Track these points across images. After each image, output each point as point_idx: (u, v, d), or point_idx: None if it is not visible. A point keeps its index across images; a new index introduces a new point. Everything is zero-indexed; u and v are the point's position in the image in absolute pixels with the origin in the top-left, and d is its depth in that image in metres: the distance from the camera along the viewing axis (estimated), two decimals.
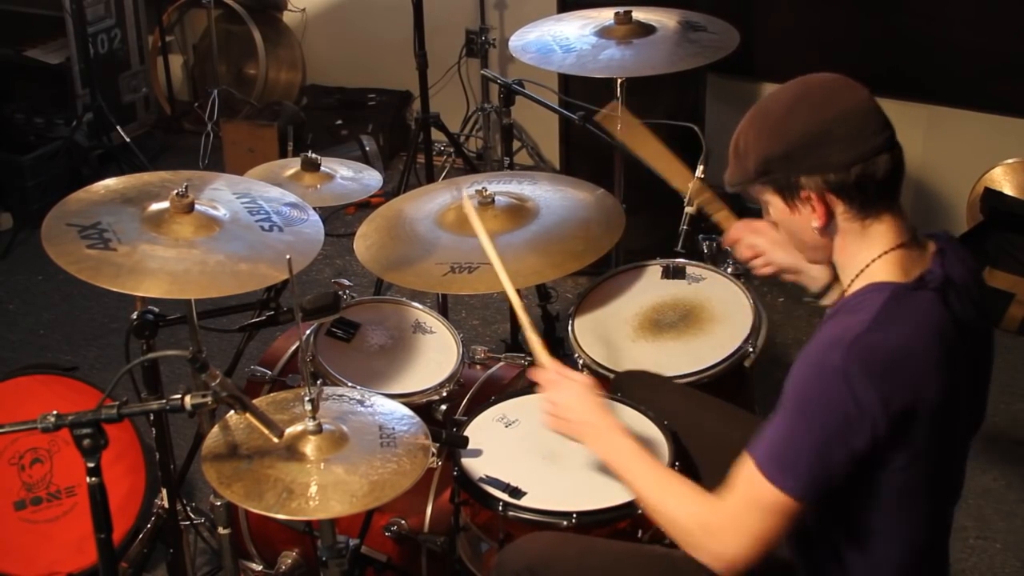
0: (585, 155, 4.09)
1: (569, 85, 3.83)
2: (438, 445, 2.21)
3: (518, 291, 2.30)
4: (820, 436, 1.66)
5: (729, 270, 2.82)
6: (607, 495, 2.15)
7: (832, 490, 1.70)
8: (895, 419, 1.65)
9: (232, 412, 1.97)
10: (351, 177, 2.94)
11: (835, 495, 1.71)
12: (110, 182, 2.34)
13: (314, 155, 2.91)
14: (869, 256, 1.76)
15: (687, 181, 2.51)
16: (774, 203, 1.79)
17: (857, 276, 1.77)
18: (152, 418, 2.50)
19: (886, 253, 1.75)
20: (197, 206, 2.24)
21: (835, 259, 1.83)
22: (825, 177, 1.71)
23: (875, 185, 1.71)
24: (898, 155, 1.73)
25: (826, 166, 1.71)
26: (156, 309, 2.37)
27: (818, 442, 1.66)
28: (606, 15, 3.19)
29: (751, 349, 2.61)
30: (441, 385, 2.58)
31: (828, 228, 1.76)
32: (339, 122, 5.12)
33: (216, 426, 2.06)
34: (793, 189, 1.74)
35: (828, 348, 1.67)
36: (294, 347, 2.82)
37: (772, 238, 2.28)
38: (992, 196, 4.00)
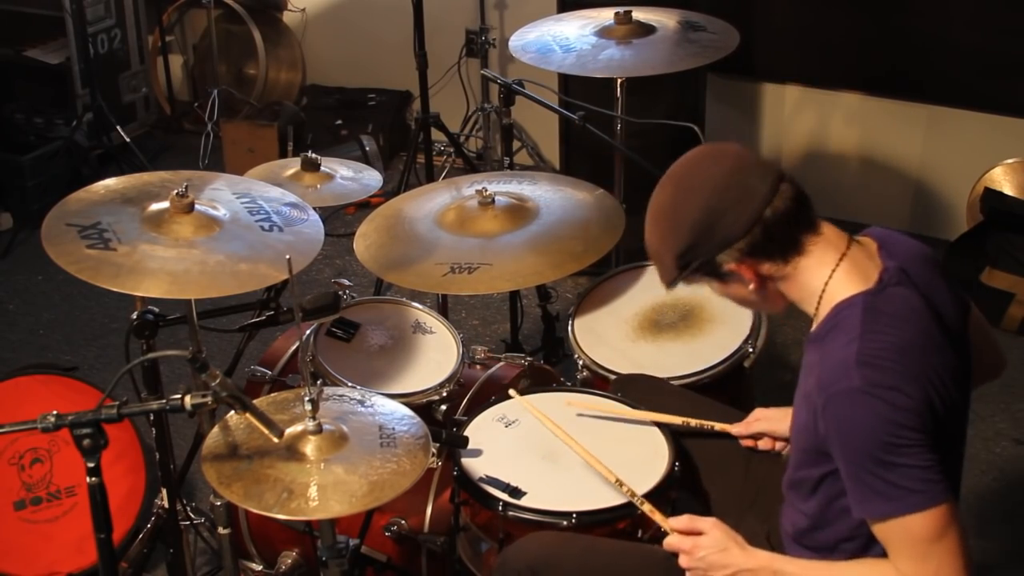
0: (585, 155, 4.09)
1: (569, 85, 3.83)
2: (438, 445, 2.21)
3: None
4: (902, 450, 1.65)
5: None
6: (607, 495, 2.16)
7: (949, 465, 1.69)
8: (926, 405, 1.66)
9: (232, 412, 1.97)
10: (351, 177, 2.94)
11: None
12: (110, 182, 2.34)
13: (314, 155, 2.91)
14: (821, 279, 1.78)
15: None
16: (709, 284, 1.85)
17: (820, 301, 1.79)
18: (152, 418, 2.50)
19: (835, 270, 1.77)
20: (197, 206, 2.24)
21: (791, 298, 1.85)
22: (736, 247, 1.74)
23: (782, 228, 1.74)
24: (788, 190, 1.74)
25: (730, 238, 1.74)
26: (156, 309, 2.37)
27: (906, 454, 1.65)
28: (606, 15, 3.19)
29: (751, 349, 2.61)
30: (441, 385, 2.58)
31: (764, 288, 1.80)
32: (339, 122, 5.12)
33: (216, 426, 2.06)
34: (716, 269, 1.79)
35: (838, 379, 1.68)
36: (294, 347, 2.82)
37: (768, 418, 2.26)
38: (992, 196, 4.00)
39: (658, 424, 2.33)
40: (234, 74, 5.43)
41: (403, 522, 2.50)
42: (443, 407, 2.56)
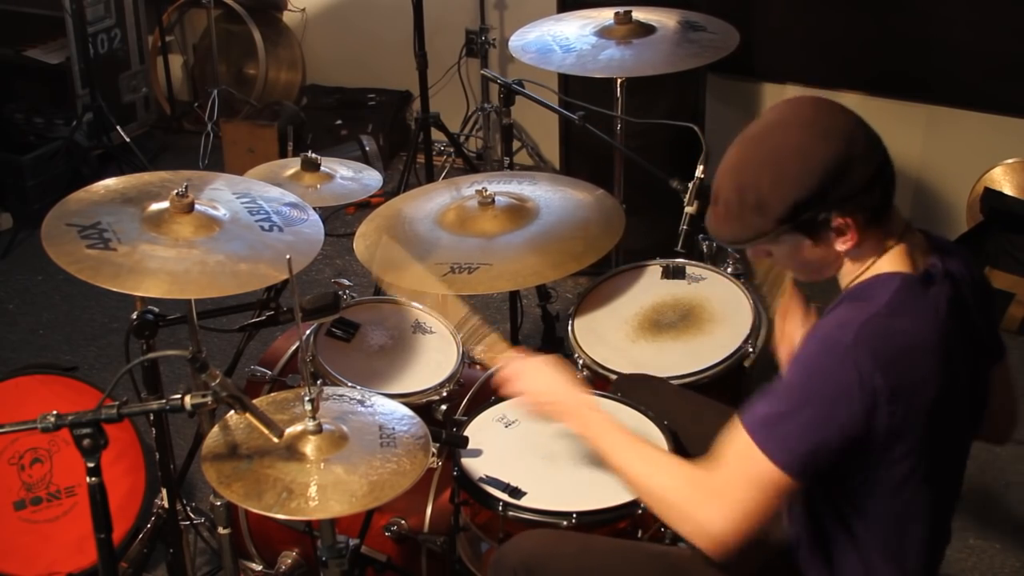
0: (585, 155, 4.09)
1: (569, 85, 3.83)
2: (438, 445, 2.21)
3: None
4: (819, 411, 1.64)
5: (729, 270, 2.82)
6: (607, 495, 2.15)
7: (822, 472, 1.67)
8: (895, 408, 1.65)
9: (232, 412, 1.97)
10: (351, 177, 2.94)
11: (835, 478, 1.71)
12: (110, 182, 2.34)
13: (314, 155, 2.91)
14: (876, 253, 1.77)
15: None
16: (791, 245, 1.75)
17: (862, 274, 1.78)
18: (152, 418, 2.50)
19: (889, 248, 1.76)
20: (197, 206, 2.24)
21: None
22: (857, 200, 1.69)
23: (889, 187, 1.73)
24: (891, 159, 1.76)
25: (855, 188, 1.69)
26: (156, 309, 2.37)
27: (816, 417, 1.64)
28: (606, 15, 3.19)
29: (751, 349, 2.61)
30: (441, 385, 2.58)
31: (860, 247, 1.74)
32: (339, 122, 5.12)
33: (216, 426, 2.06)
34: (823, 224, 1.71)
35: (839, 327, 1.68)
36: (294, 347, 2.82)
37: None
38: (992, 196, 4.00)
39: (657, 425, 2.33)
40: (234, 74, 5.43)
41: (403, 522, 2.50)
42: (443, 407, 2.56)
